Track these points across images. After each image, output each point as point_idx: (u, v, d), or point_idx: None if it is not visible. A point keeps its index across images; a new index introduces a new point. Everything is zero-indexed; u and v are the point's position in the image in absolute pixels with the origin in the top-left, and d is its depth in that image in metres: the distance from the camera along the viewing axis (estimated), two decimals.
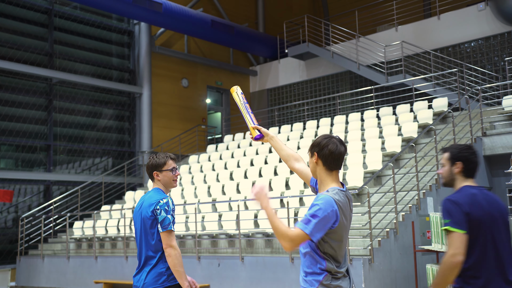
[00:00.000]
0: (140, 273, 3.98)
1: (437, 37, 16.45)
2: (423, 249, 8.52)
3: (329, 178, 3.24)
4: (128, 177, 16.78)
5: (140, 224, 4.00)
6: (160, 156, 4.08)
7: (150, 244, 3.93)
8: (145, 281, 3.90)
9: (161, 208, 3.90)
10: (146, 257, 3.94)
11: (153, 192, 4.05)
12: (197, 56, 19.54)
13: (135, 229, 4.11)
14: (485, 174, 11.44)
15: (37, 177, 15.41)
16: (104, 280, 12.03)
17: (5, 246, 14.87)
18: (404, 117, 13.35)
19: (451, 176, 3.44)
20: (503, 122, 11.88)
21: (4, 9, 15.21)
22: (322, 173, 3.25)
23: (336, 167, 3.24)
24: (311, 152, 3.29)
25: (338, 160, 3.22)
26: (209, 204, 12.06)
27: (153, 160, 4.08)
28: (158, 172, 4.06)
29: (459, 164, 3.38)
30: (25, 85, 15.48)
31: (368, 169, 11.04)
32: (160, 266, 3.90)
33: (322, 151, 3.21)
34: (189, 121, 18.97)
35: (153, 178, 4.09)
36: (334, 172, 3.25)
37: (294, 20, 20.17)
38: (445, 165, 3.46)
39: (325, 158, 3.21)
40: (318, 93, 19.37)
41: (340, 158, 3.23)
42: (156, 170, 4.06)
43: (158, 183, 4.08)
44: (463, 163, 3.37)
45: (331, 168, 3.23)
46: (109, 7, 15.63)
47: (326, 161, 3.22)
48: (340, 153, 3.21)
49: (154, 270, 3.90)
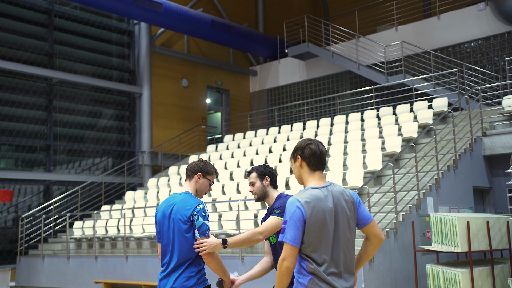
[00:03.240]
0: (169, 276, 3.90)
1: (437, 37, 16.45)
2: (423, 249, 8.52)
3: (311, 178, 3.30)
4: (128, 177, 16.78)
5: (173, 228, 3.91)
6: (211, 166, 4.11)
7: (184, 248, 3.87)
8: (174, 284, 3.84)
9: (198, 214, 3.87)
10: (178, 260, 3.88)
11: (186, 195, 3.98)
12: (197, 56, 19.54)
13: (161, 231, 3.99)
14: (485, 174, 11.44)
15: (37, 177, 15.42)
16: (104, 280, 12.03)
17: (5, 246, 14.87)
18: (404, 117, 13.35)
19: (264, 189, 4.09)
20: (503, 122, 11.88)
21: (4, 9, 15.21)
22: (306, 174, 3.32)
23: (319, 166, 3.30)
24: (293, 156, 3.35)
25: (320, 159, 3.29)
26: (209, 204, 12.06)
27: (203, 163, 4.08)
28: (202, 175, 4.06)
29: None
30: (25, 85, 15.48)
31: (368, 169, 11.04)
32: (190, 270, 3.88)
33: (304, 152, 3.29)
34: (189, 121, 18.97)
35: (190, 179, 4.06)
36: (317, 173, 3.30)
37: (294, 20, 20.17)
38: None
39: (308, 158, 3.28)
40: (318, 93, 19.37)
41: (322, 157, 3.30)
42: (202, 173, 4.06)
43: (192, 186, 4.05)
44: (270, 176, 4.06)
45: (314, 168, 3.29)
46: (109, 7, 15.63)
47: (310, 162, 3.28)
48: (322, 152, 3.30)
49: (184, 274, 3.86)
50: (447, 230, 8.09)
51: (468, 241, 8.07)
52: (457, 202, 10.36)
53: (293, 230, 3.09)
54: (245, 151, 15.25)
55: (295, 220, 3.10)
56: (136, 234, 12.62)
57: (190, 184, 4.06)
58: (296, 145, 3.36)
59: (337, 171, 11.29)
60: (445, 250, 8.15)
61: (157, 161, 17.44)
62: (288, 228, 3.11)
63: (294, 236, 3.08)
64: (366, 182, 9.49)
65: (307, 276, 3.12)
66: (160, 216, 4.03)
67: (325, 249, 3.13)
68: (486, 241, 8.49)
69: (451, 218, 8.07)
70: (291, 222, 3.10)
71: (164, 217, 3.98)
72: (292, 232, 3.09)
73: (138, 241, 12.64)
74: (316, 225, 3.12)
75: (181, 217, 3.87)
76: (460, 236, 8.00)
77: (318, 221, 3.12)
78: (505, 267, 8.81)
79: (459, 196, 10.59)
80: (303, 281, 3.13)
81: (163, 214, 4.00)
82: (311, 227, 3.11)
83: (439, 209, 9.76)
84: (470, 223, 8.14)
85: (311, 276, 3.11)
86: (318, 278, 3.11)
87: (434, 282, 8.16)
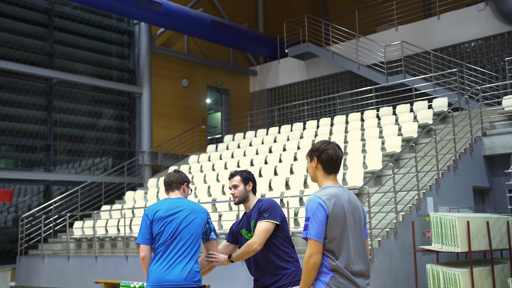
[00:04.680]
0: (169, 265, 4.08)
1: (437, 37, 16.45)
2: (423, 249, 8.52)
3: (327, 180, 3.39)
4: (128, 177, 16.78)
5: (194, 221, 4.16)
6: (185, 175, 4.47)
7: (196, 245, 4.15)
8: (175, 274, 4.03)
9: (209, 218, 4.30)
10: (186, 251, 4.10)
11: (189, 201, 4.32)
12: (197, 56, 19.54)
13: (172, 222, 4.16)
14: (485, 174, 11.45)
15: (37, 177, 15.42)
16: (104, 280, 12.03)
17: (5, 246, 14.88)
18: (404, 117, 13.35)
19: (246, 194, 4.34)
20: (503, 122, 11.88)
21: (4, 9, 15.21)
22: (321, 176, 3.41)
23: (335, 170, 3.40)
24: (310, 157, 3.44)
25: (336, 164, 3.40)
26: (209, 204, 12.05)
27: (183, 174, 4.44)
28: (186, 184, 4.41)
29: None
30: (25, 85, 15.48)
31: (368, 169, 11.04)
32: (196, 263, 4.14)
33: (321, 156, 3.37)
34: (189, 121, 18.97)
35: (178, 189, 4.37)
36: (332, 176, 3.40)
37: (294, 20, 20.17)
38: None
39: (324, 162, 3.37)
40: (318, 93, 19.37)
41: (338, 162, 3.40)
42: (187, 182, 4.43)
43: (182, 195, 4.39)
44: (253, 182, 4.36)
45: (329, 171, 3.39)
46: (109, 7, 15.63)
47: (325, 165, 3.38)
48: (338, 157, 3.40)
49: (189, 266, 4.07)
50: (447, 230, 8.09)
51: (468, 241, 8.07)
52: (457, 202, 10.36)
53: (317, 226, 3.15)
54: (245, 151, 15.25)
55: (318, 216, 3.17)
56: (136, 234, 12.62)
57: (180, 193, 4.38)
58: (314, 145, 3.44)
59: None
60: (445, 250, 8.16)
61: (157, 161, 17.44)
62: (311, 224, 3.16)
63: (318, 231, 3.14)
64: (366, 182, 9.50)
65: (329, 274, 3.16)
66: (163, 213, 4.17)
67: (346, 245, 3.21)
68: (486, 241, 8.49)
69: (451, 218, 8.07)
70: (314, 218, 3.17)
71: (171, 213, 4.16)
72: (316, 227, 3.15)
73: None
74: (338, 220, 3.20)
75: (201, 220, 4.20)
76: (460, 236, 8.01)
77: (339, 216, 3.21)
78: (505, 267, 8.82)
79: (459, 196, 10.59)
80: (324, 279, 3.16)
81: (169, 211, 4.17)
82: (333, 222, 3.18)
83: (439, 209, 9.76)
84: (470, 223, 8.14)
85: (333, 274, 3.16)
86: (340, 275, 3.16)
87: (434, 282, 8.16)
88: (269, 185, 12.27)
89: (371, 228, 8.63)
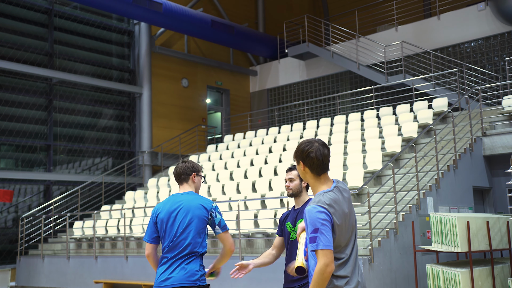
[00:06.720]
0: (170, 267, 4.04)
1: (437, 37, 16.45)
2: (423, 249, 8.52)
3: (318, 182, 3.23)
4: (128, 177, 16.78)
5: (189, 222, 4.04)
6: (197, 163, 4.34)
7: (197, 243, 4.05)
8: (174, 275, 3.98)
9: (216, 211, 4.13)
10: (187, 253, 4.02)
11: (193, 195, 4.17)
12: (197, 56, 19.54)
13: (172, 225, 4.08)
14: (485, 174, 11.45)
15: (37, 177, 15.41)
16: (104, 280, 12.03)
17: (5, 246, 14.87)
18: (404, 117, 13.35)
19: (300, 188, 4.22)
20: (503, 122, 11.88)
21: (4, 9, 15.21)
22: (311, 179, 3.25)
23: (323, 170, 3.23)
24: (296, 159, 3.29)
25: (323, 164, 3.21)
26: None
27: (191, 163, 4.27)
28: (196, 174, 4.25)
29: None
30: (25, 85, 15.48)
31: (368, 169, 11.04)
32: (197, 263, 4.06)
33: (306, 159, 3.20)
34: (189, 121, 18.97)
35: (187, 181, 4.22)
36: (322, 176, 3.23)
37: (294, 20, 20.17)
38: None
39: (311, 165, 3.20)
40: (318, 93, 19.37)
41: (325, 161, 3.21)
42: (196, 172, 4.26)
43: (191, 186, 4.23)
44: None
45: (318, 173, 3.22)
46: (109, 7, 15.63)
47: (312, 168, 3.21)
48: (324, 157, 3.20)
49: (189, 266, 4.02)
50: (447, 230, 8.09)
51: (468, 241, 8.07)
52: (457, 202, 10.36)
53: (327, 234, 3.02)
54: (245, 151, 15.25)
55: (324, 224, 3.03)
56: (136, 234, 12.63)
57: (188, 185, 4.22)
58: (298, 147, 3.27)
59: (337, 171, 11.29)
60: (445, 250, 8.16)
61: (157, 161, 17.44)
62: (320, 234, 3.01)
63: (329, 240, 3.01)
64: (366, 182, 9.50)
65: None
66: (164, 215, 4.12)
67: (347, 248, 3.16)
68: (486, 241, 8.49)
69: (451, 218, 8.07)
70: (321, 228, 3.02)
71: (171, 216, 4.10)
72: (326, 236, 3.01)
73: (138, 241, 12.64)
74: (341, 225, 3.11)
75: (202, 214, 4.05)
76: (460, 236, 8.01)
77: (341, 221, 3.12)
78: (505, 267, 8.82)
79: (459, 196, 10.60)
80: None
81: (169, 213, 4.11)
82: (337, 228, 3.09)
83: (439, 209, 9.76)
84: (470, 223, 8.14)
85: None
86: (334, 277, 3.12)
87: (434, 282, 8.16)
88: (269, 185, 12.27)
89: (371, 228, 8.63)
